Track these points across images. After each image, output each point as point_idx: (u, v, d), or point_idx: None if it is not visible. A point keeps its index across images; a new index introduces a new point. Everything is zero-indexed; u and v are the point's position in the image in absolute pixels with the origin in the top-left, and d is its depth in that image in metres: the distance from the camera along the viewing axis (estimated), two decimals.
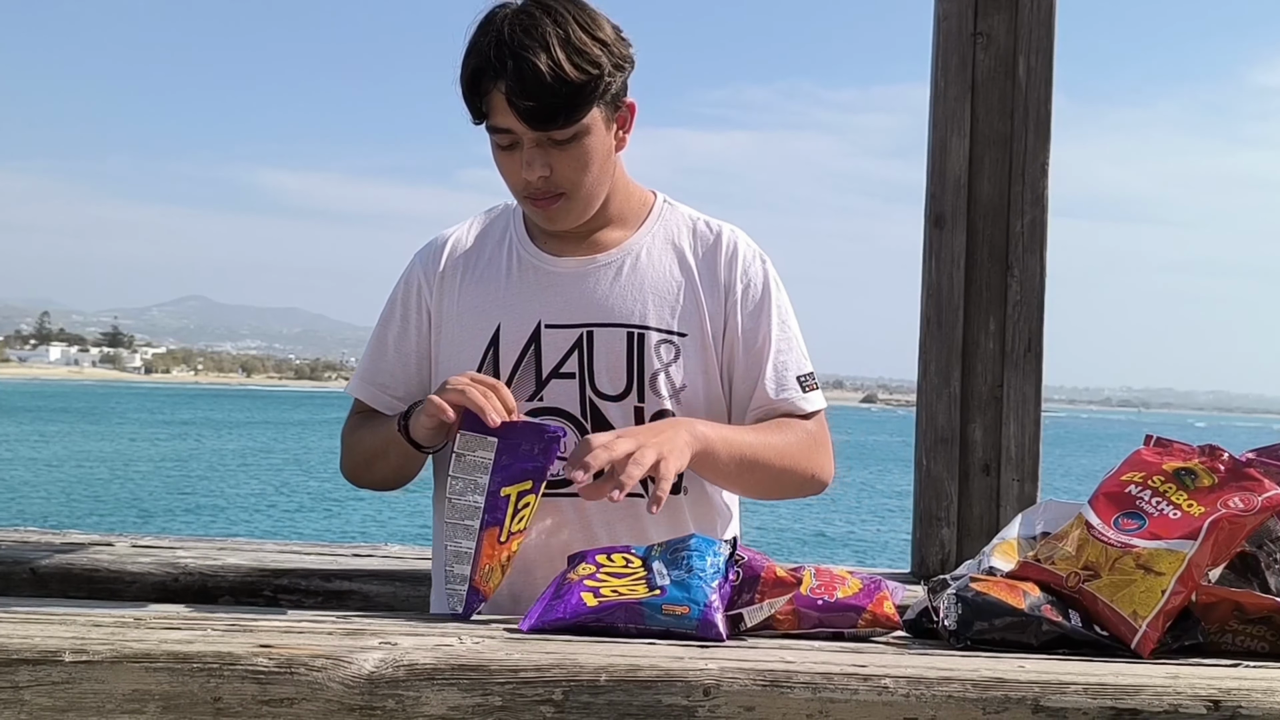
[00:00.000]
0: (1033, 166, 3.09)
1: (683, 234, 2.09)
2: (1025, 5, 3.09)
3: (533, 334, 2.00)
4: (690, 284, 2.04)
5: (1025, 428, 3.09)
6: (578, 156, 1.92)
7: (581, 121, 1.88)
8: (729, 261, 2.06)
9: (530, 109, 1.84)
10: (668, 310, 2.02)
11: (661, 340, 2.00)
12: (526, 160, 1.90)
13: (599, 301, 2.01)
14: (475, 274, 2.07)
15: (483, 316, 2.03)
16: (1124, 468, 1.71)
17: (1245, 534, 1.59)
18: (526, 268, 2.05)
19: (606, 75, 1.87)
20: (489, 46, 1.85)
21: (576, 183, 1.94)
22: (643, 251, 2.05)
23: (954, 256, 3.11)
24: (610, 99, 1.92)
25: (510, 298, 2.03)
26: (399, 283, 2.13)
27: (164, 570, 2.70)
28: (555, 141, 1.89)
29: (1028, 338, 3.10)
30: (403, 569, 2.76)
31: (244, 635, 1.41)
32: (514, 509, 1.72)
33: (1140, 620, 1.52)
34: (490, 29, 1.87)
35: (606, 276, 2.03)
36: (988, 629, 1.56)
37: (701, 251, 2.07)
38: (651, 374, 1.98)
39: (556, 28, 1.84)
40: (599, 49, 1.87)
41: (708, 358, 2.02)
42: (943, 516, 3.07)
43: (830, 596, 1.64)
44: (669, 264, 2.05)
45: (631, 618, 1.53)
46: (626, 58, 1.93)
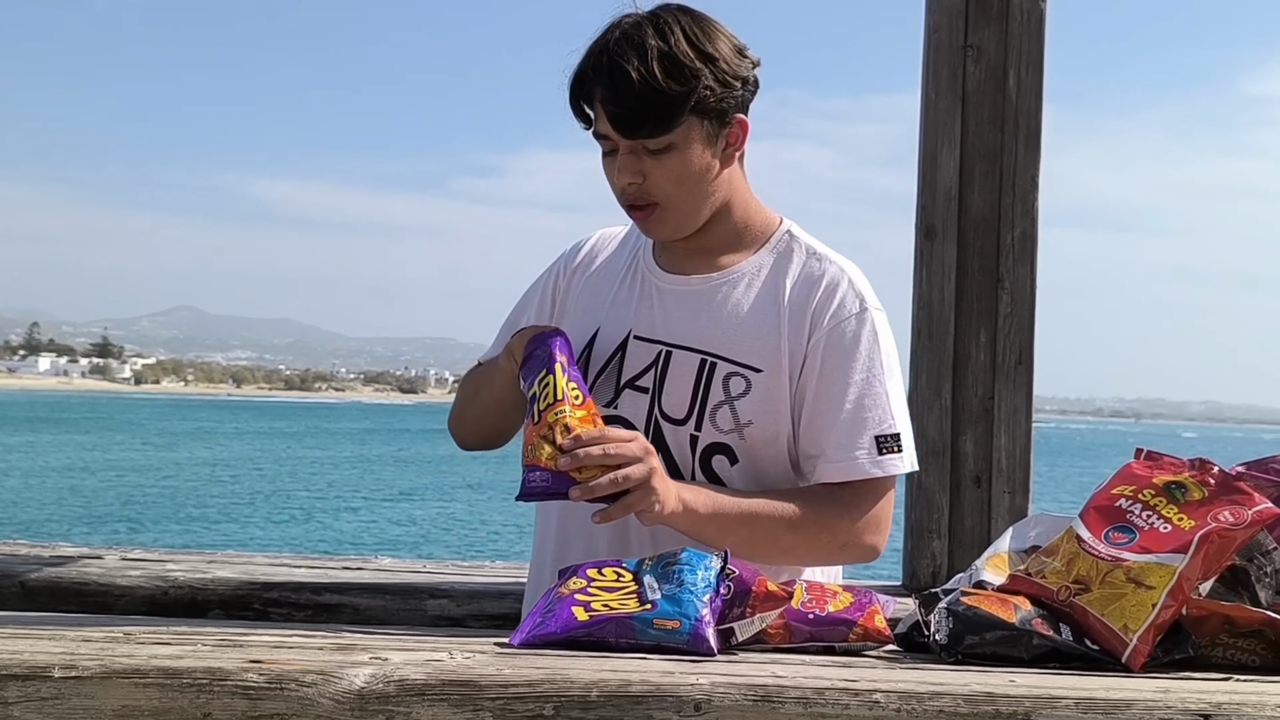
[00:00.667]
0: (1023, 178, 3.10)
1: (793, 267, 2.02)
2: (1015, 18, 3.10)
3: (621, 343, 2.02)
4: (778, 318, 1.98)
5: (1016, 439, 3.10)
6: (671, 168, 1.92)
7: (673, 132, 1.88)
8: (823, 300, 1.98)
9: (618, 115, 1.87)
10: (749, 343, 1.97)
11: (732, 373, 1.96)
12: (620, 165, 1.93)
13: (684, 323, 2.01)
14: (597, 275, 2.13)
15: (589, 317, 2.08)
16: (1114, 481, 1.71)
17: (1235, 547, 1.60)
18: (637, 277, 2.08)
19: (703, 89, 1.87)
20: (594, 53, 1.90)
21: (669, 194, 1.94)
22: (744, 280, 2.02)
23: (945, 268, 3.11)
24: (713, 113, 1.91)
25: (614, 304, 2.07)
26: (548, 268, 2.22)
27: (153, 584, 2.70)
28: (649, 150, 1.90)
29: (1018, 350, 3.10)
30: (394, 582, 2.75)
31: (234, 650, 1.41)
32: (538, 394, 1.82)
33: (1131, 634, 1.52)
34: (603, 38, 1.91)
35: (701, 298, 2.02)
36: (979, 643, 1.55)
37: (802, 286, 2.00)
38: (714, 405, 1.95)
39: (659, 38, 1.86)
40: (702, 62, 1.87)
41: (780, 396, 1.96)
42: (934, 529, 3.08)
43: (821, 610, 1.64)
44: (766, 295, 2.00)
45: (622, 632, 1.53)
46: (739, 75, 1.92)
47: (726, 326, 1.99)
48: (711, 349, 1.98)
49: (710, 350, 1.98)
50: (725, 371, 1.97)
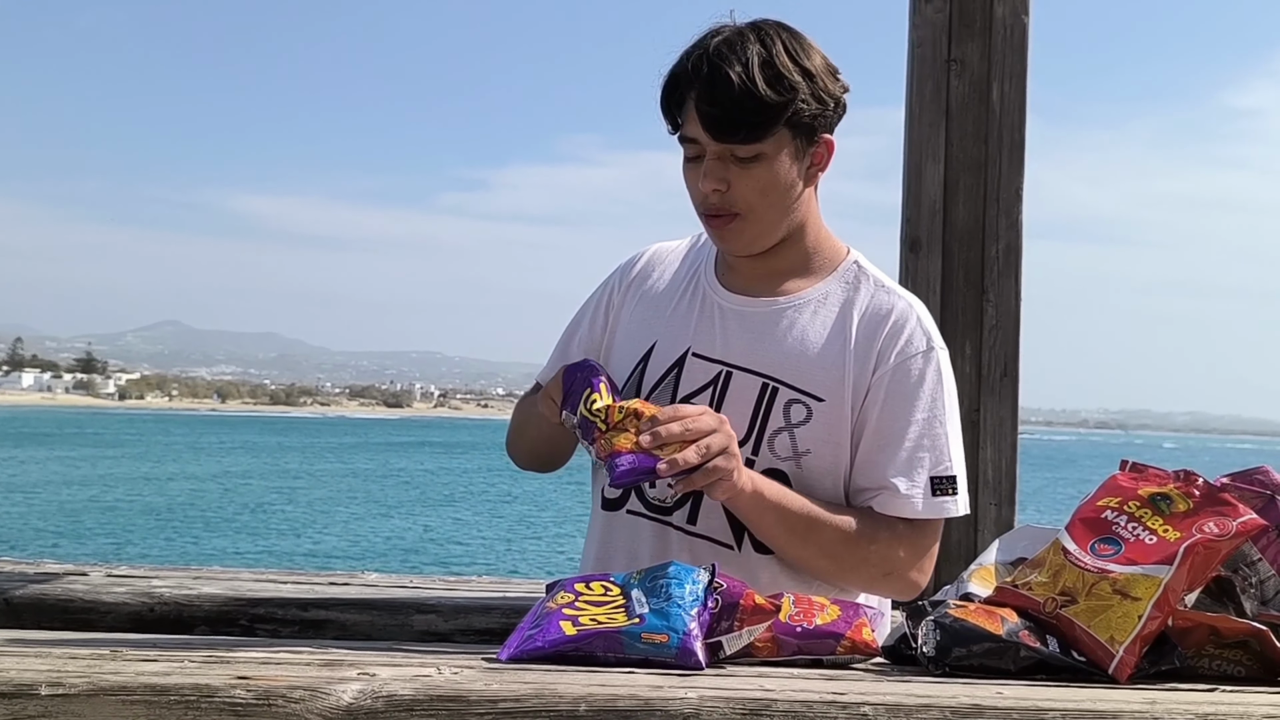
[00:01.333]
0: (1007, 192, 3.12)
1: (860, 298, 2.02)
2: (999, 32, 3.11)
3: (679, 359, 2.01)
4: (844, 349, 1.97)
5: (1002, 452, 3.10)
6: (757, 178, 1.91)
7: (765, 141, 1.89)
8: (890, 335, 1.98)
9: (713, 117, 1.86)
10: (812, 372, 1.97)
11: (794, 400, 1.95)
12: (705, 171, 1.92)
13: (747, 346, 1.99)
14: (656, 291, 2.11)
15: (645, 331, 2.07)
16: (1100, 493, 1.72)
17: (1221, 559, 1.60)
18: (698, 294, 2.07)
19: (800, 101, 1.88)
20: (692, 56, 1.90)
21: (752, 205, 1.93)
22: (810, 307, 2.01)
23: (929, 281, 3.12)
24: (804, 129, 1.92)
25: (672, 320, 2.06)
26: (600, 285, 2.21)
27: (139, 600, 2.68)
28: (737, 158, 1.90)
29: (1004, 362, 3.11)
30: (380, 597, 2.75)
31: (221, 667, 1.41)
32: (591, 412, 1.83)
33: (1117, 645, 1.53)
34: (701, 42, 1.91)
35: (766, 322, 2.01)
36: (966, 655, 1.56)
37: (869, 319, 2.00)
38: (773, 431, 1.95)
39: (761, 47, 1.87)
40: (799, 76, 1.88)
41: (840, 428, 1.96)
42: None
43: (809, 623, 1.64)
44: (833, 324, 2.00)
45: (610, 646, 1.53)
46: (832, 94, 1.93)
47: (790, 352, 1.98)
48: (774, 373, 1.97)
49: (772, 375, 1.97)
50: (787, 398, 1.96)
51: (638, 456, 1.77)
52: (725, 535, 1.98)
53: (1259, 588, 1.67)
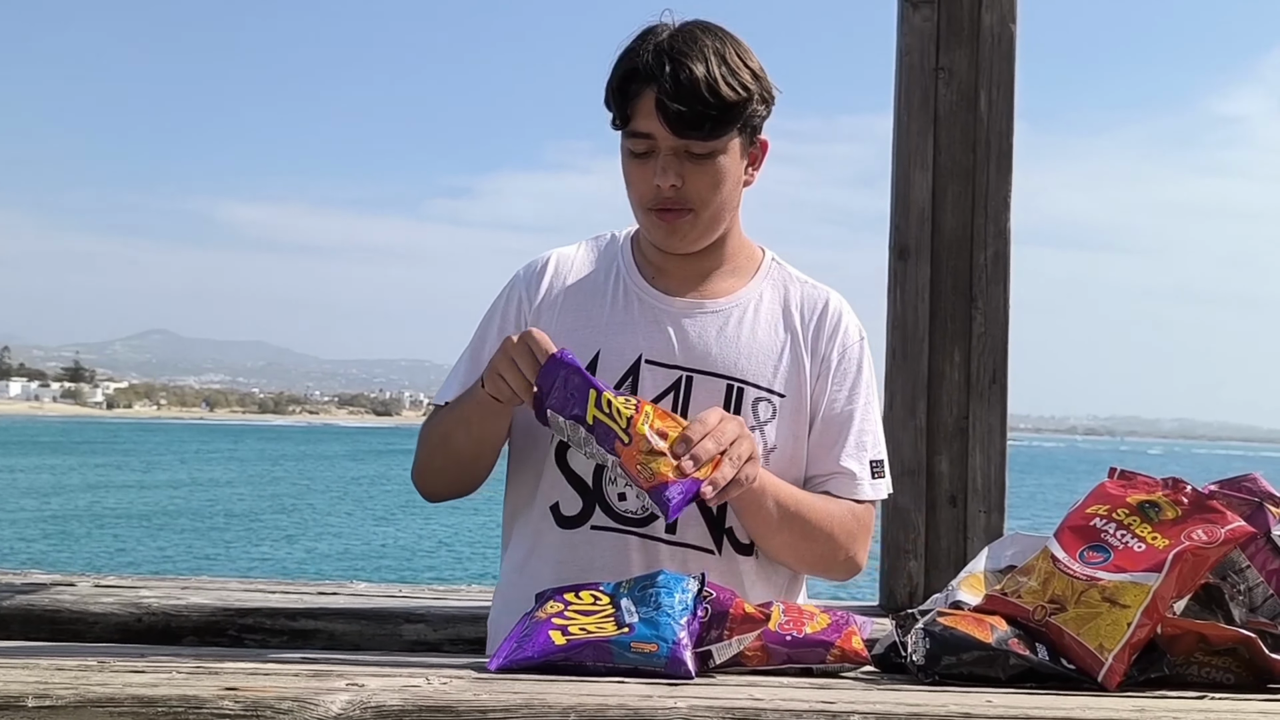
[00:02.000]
0: (995, 199, 3.12)
1: (790, 294, 2.08)
2: (986, 40, 3.12)
3: (632, 367, 1.98)
4: (794, 346, 2.03)
5: (991, 459, 3.11)
6: (712, 174, 1.93)
7: (722, 139, 1.91)
8: (832, 328, 2.06)
9: (680, 114, 1.86)
10: (770, 369, 2.01)
11: (760, 398, 1.99)
12: (661, 167, 1.91)
13: (704, 348, 1.99)
14: (578, 298, 2.06)
15: (582, 341, 2.00)
16: (1089, 500, 1.72)
17: (1209, 566, 1.61)
18: (632, 299, 2.04)
19: (755, 102, 1.91)
20: (648, 53, 1.89)
21: (706, 200, 1.94)
22: (751, 306, 2.04)
23: (918, 288, 3.13)
24: (750, 129, 1.95)
25: (612, 327, 2.02)
26: (500, 296, 2.13)
27: (127, 610, 2.68)
28: (692, 154, 1.91)
29: (992, 369, 3.12)
30: (369, 607, 2.74)
31: (209, 678, 1.40)
32: (608, 416, 1.74)
33: (1106, 653, 1.53)
34: (650, 39, 1.91)
35: (714, 324, 2.02)
36: (956, 663, 1.56)
37: (809, 316, 2.06)
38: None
39: (718, 44, 1.90)
40: (750, 76, 1.91)
41: (800, 422, 2.01)
42: (910, 548, 3.08)
43: (799, 632, 1.64)
44: (775, 322, 2.04)
45: (600, 656, 1.53)
46: (772, 96, 1.97)
47: (746, 352, 2.00)
48: (736, 374, 1.98)
49: (735, 375, 1.98)
50: (754, 397, 1.98)
51: (683, 485, 1.71)
52: (706, 541, 1.97)
53: (1247, 595, 1.67)
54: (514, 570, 2.06)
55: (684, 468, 1.71)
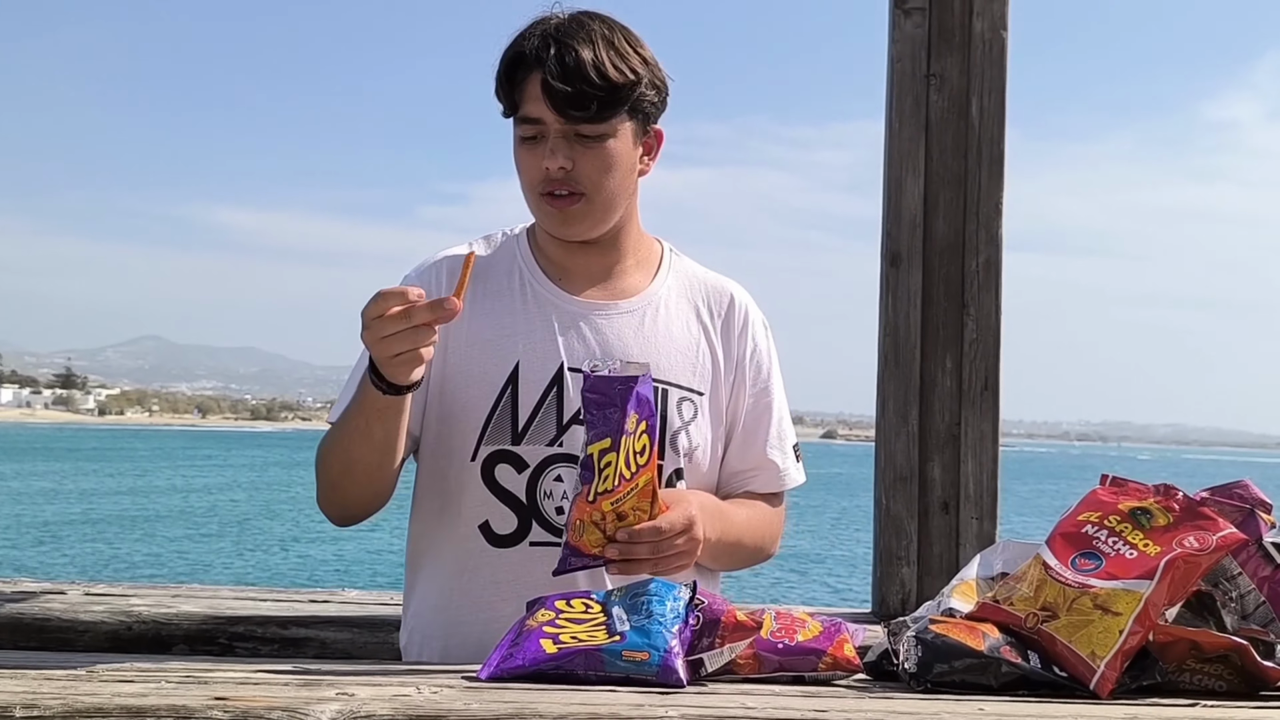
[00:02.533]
0: (987, 205, 3.12)
1: (696, 289, 2.09)
2: (977, 47, 3.12)
3: (555, 375, 1.95)
4: (708, 343, 2.04)
5: (983, 465, 3.11)
6: (602, 157, 1.92)
7: (611, 122, 1.91)
8: (740, 320, 2.08)
9: (566, 95, 1.86)
10: (688, 368, 2.01)
11: (683, 398, 1.99)
12: (550, 149, 1.90)
13: (624, 351, 1.97)
14: (484, 302, 1.99)
15: (498, 351, 1.96)
16: (1080, 507, 1.72)
17: (1201, 573, 1.60)
18: (543, 303, 2.00)
19: (644, 86, 1.92)
20: (533, 38, 1.90)
21: (597, 184, 1.93)
22: (662, 304, 2.04)
23: (910, 295, 3.12)
24: (641, 115, 1.95)
25: (529, 334, 1.97)
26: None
27: (117, 619, 2.66)
28: (581, 137, 1.90)
29: (984, 376, 3.11)
30: (361, 615, 2.73)
31: (198, 687, 1.39)
32: (598, 469, 1.69)
33: (1099, 660, 1.53)
34: (537, 26, 1.92)
35: (630, 324, 2.00)
36: (948, 671, 1.55)
37: (717, 311, 2.08)
38: (673, 432, 1.96)
39: (605, 29, 1.91)
40: (639, 62, 1.92)
41: (718, 418, 2.03)
42: (903, 555, 3.08)
43: (791, 640, 1.64)
44: (686, 319, 2.05)
45: (591, 664, 1.52)
46: (664, 84, 1.98)
47: (665, 351, 2.00)
48: (660, 376, 1.95)
49: (659, 378, 1.95)
50: (678, 397, 1.98)
51: (592, 558, 1.72)
52: None
53: (1239, 602, 1.67)
54: (439, 591, 2.00)
55: (607, 553, 1.71)
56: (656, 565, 1.74)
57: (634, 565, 1.73)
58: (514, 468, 1.94)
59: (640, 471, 1.71)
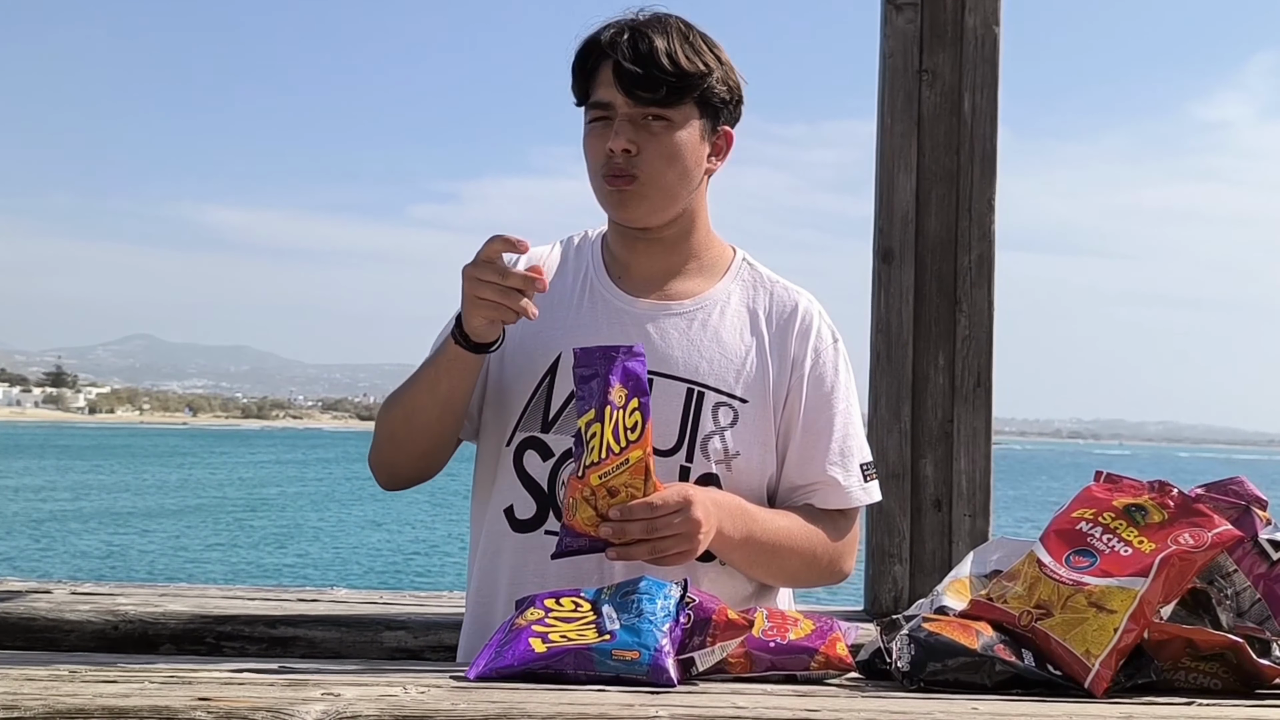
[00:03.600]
0: (979, 202, 3.11)
1: (760, 296, 2.06)
2: (969, 43, 3.11)
3: None
4: (760, 350, 2.00)
5: (976, 462, 3.10)
6: (666, 145, 1.93)
7: (678, 109, 1.92)
8: (802, 333, 2.03)
9: (635, 77, 1.88)
10: (733, 373, 1.98)
11: (720, 403, 1.96)
12: (616, 130, 1.91)
13: (665, 350, 1.97)
14: (546, 299, 1.99)
15: (545, 342, 2.00)
16: (1074, 504, 1.71)
17: (1196, 570, 1.59)
18: (598, 300, 2.02)
19: (715, 81, 1.94)
20: (609, 29, 1.93)
21: (657, 170, 1.93)
22: (718, 308, 2.02)
23: (902, 291, 3.11)
24: (711, 111, 1.96)
25: (575, 328, 1.99)
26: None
27: (103, 618, 2.65)
28: (648, 124, 1.92)
29: (977, 372, 3.11)
30: (350, 614, 2.72)
31: (182, 688, 1.37)
32: (585, 441, 1.71)
33: (1093, 659, 1.51)
34: (611, 24, 1.94)
35: (678, 326, 1.99)
36: (941, 670, 1.54)
37: (776, 318, 2.03)
38: (705, 435, 1.94)
39: (682, 25, 1.94)
40: (713, 58, 1.94)
41: (766, 428, 1.98)
42: (895, 553, 3.07)
43: (783, 638, 1.62)
44: (742, 325, 2.02)
45: (581, 664, 1.51)
46: (737, 85, 1.99)
47: (709, 355, 1.98)
48: (696, 378, 1.96)
49: (695, 379, 1.96)
50: (714, 401, 1.96)
51: (589, 539, 1.73)
52: None
53: (1235, 600, 1.65)
54: (477, 578, 2.04)
55: (600, 532, 1.72)
56: (654, 547, 1.74)
57: (631, 548, 1.73)
58: (540, 455, 1.96)
59: (631, 447, 1.71)
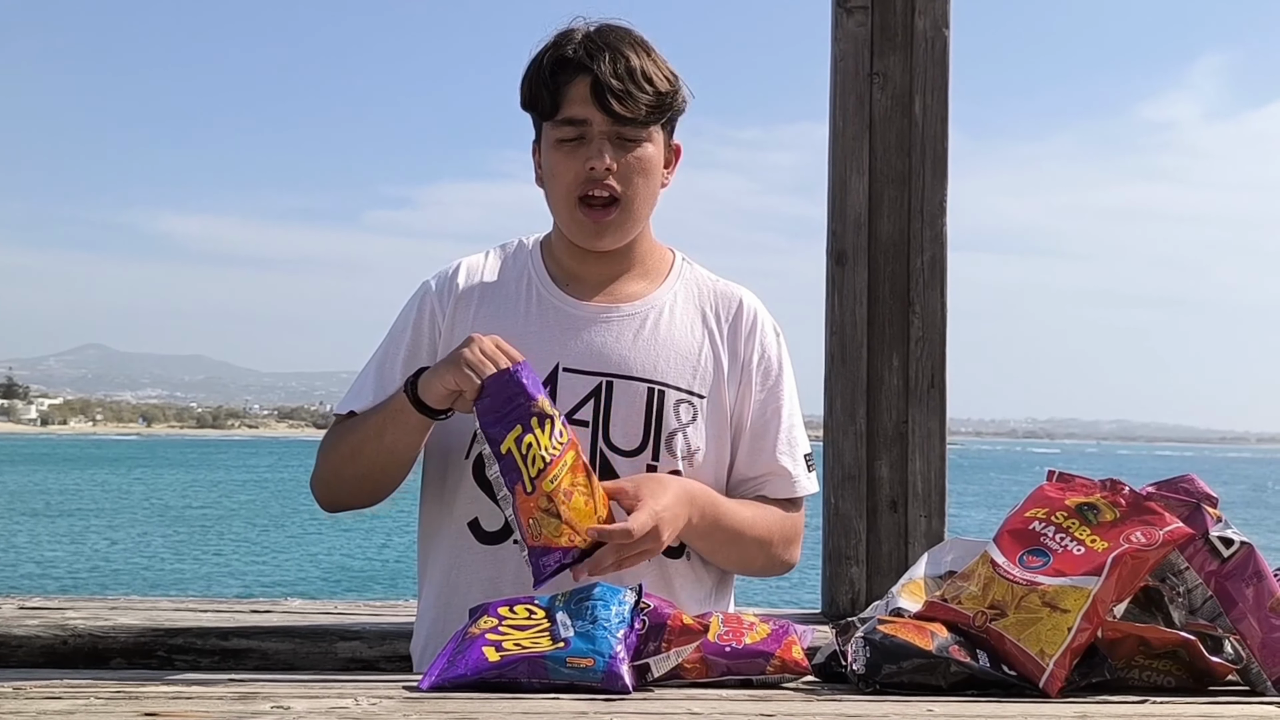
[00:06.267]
0: (931, 204, 3.12)
1: (704, 295, 2.08)
2: (920, 45, 3.12)
3: (549, 376, 1.94)
4: (712, 347, 2.03)
5: (931, 463, 3.10)
6: (641, 161, 1.94)
7: (652, 128, 1.94)
8: (750, 329, 2.06)
9: (621, 93, 1.88)
10: (689, 371, 2.00)
11: (681, 400, 1.98)
12: (596, 150, 1.91)
13: (621, 353, 1.98)
14: (491, 306, 2.03)
15: None
16: (1027, 504, 1.71)
17: (1148, 568, 1.60)
18: (546, 307, 2.02)
19: (679, 98, 1.97)
20: (577, 45, 1.92)
21: (634, 189, 1.95)
22: (666, 308, 2.04)
23: (856, 293, 3.11)
24: (670, 126, 2.00)
25: (528, 336, 1.96)
26: (410, 305, 2.08)
27: (52, 633, 2.60)
28: (623, 141, 1.92)
29: (931, 373, 3.11)
30: (303, 625, 2.68)
31: (128, 703, 1.35)
32: (521, 457, 1.70)
33: (1047, 659, 1.51)
34: (573, 36, 1.94)
35: (630, 328, 2.00)
36: (896, 671, 1.54)
37: (724, 316, 2.06)
38: (669, 433, 1.95)
39: (640, 40, 1.95)
40: (671, 72, 1.97)
41: (721, 422, 2.01)
42: (852, 555, 3.07)
43: (738, 643, 1.62)
44: (691, 324, 2.04)
45: (535, 671, 1.49)
46: (687, 100, 2.01)
47: (664, 354, 1.99)
48: (656, 377, 1.97)
49: (655, 378, 1.97)
50: (675, 399, 1.97)
51: (564, 552, 1.71)
52: None
53: (1187, 597, 1.66)
54: (436, 592, 2.01)
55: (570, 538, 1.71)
56: (623, 563, 1.76)
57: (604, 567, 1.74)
58: None
59: (565, 448, 1.73)
